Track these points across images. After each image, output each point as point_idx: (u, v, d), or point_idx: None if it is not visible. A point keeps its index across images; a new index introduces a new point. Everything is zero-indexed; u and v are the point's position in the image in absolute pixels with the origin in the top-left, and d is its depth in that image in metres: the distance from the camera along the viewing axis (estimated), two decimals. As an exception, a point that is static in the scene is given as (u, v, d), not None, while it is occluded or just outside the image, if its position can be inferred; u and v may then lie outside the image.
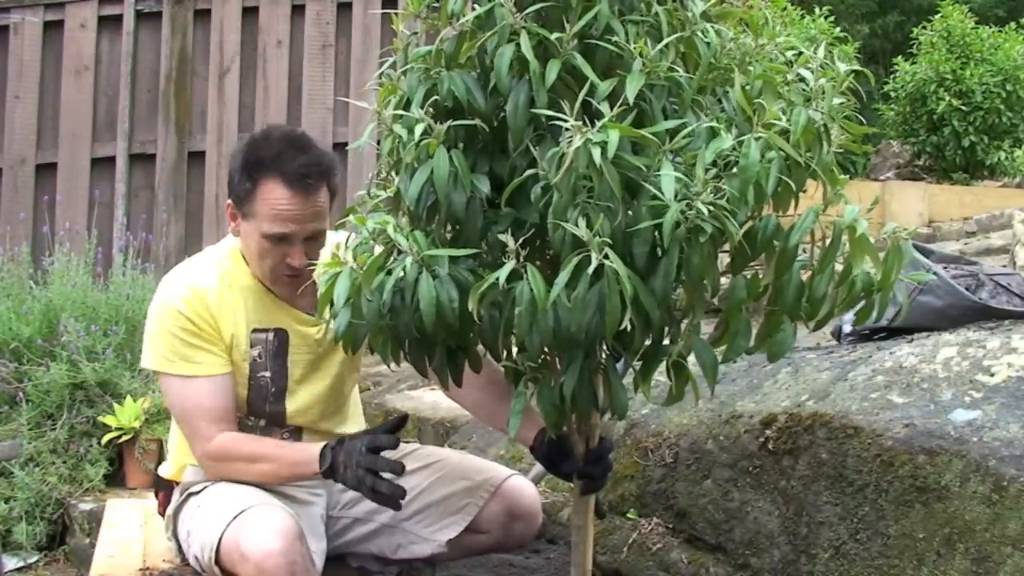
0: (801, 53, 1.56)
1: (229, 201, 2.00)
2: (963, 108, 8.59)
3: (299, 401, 2.06)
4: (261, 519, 1.83)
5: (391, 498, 1.81)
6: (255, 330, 2.01)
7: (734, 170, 1.41)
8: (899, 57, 9.47)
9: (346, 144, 4.60)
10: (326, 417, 2.12)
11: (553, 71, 1.44)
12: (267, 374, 2.03)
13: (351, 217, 1.60)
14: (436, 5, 1.61)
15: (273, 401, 2.05)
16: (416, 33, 1.66)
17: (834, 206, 1.51)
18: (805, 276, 1.51)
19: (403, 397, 4.00)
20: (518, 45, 1.46)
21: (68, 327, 3.52)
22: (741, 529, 2.16)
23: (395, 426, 1.94)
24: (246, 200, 1.95)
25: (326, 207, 1.98)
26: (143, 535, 2.38)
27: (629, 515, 2.41)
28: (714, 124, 1.46)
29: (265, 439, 2.03)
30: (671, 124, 1.44)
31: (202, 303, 1.97)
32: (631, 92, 1.41)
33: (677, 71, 1.49)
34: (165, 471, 2.14)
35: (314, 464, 1.89)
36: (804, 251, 1.52)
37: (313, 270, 1.88)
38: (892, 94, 9.31)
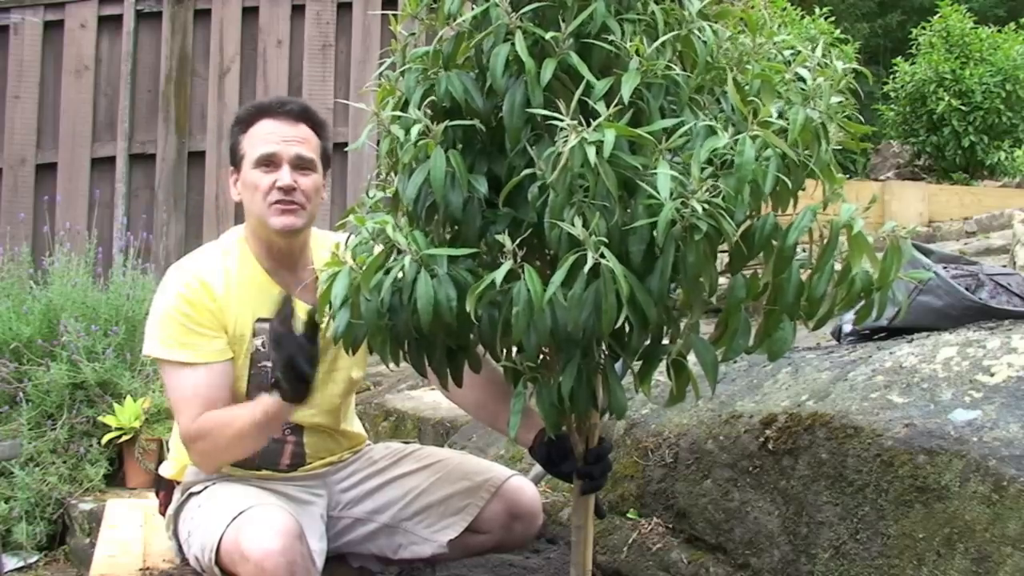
0: (799, 52, 1.56)
1: (231, 167, 2.09)
2: (963, 108, 8.59)
3: None
4: (261, 519, 1.83)
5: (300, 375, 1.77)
6: (259, 320, 2.00)
7: (732, 168, 1.40)
8: (899, 57, 9.47)
9: (345, 144, 4.60)
10: (327, 413, 2.11)
11: (548, 70, 1.44)
12: (269, 364, 1.98)
13: (351, 217, 1.60)
14: (434, 6, 1.61)
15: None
16: (414, 34, 1.66)
17: (832, 204, 1.51)
18: (804, 275, 1.51)
19: (403, 397, 4.00)
20: (514, 45, 1.45)
21: (68, 327, 3.52)
22: (741, 529, 2.16)
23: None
24: (239, 146, 2.05)
25: (312, 142, 2.05)
26: (143, 535, 2.38)
27: (629, 515, 2.40)
28: (711, 123, 1.46)
29: (234, 406, 1.97)
30: (668, 123, 1.44)
31: (207, 291, 1.98)
32: (627, 91, 1.41)
33: (674, 69, 1.48)
34: (166, 470, 2.14)
35: (272, 398, 1.84)
36: (803, 250, 1.52)
37: (305, 195, 1.99)
38: (892, 94, 9.31)
